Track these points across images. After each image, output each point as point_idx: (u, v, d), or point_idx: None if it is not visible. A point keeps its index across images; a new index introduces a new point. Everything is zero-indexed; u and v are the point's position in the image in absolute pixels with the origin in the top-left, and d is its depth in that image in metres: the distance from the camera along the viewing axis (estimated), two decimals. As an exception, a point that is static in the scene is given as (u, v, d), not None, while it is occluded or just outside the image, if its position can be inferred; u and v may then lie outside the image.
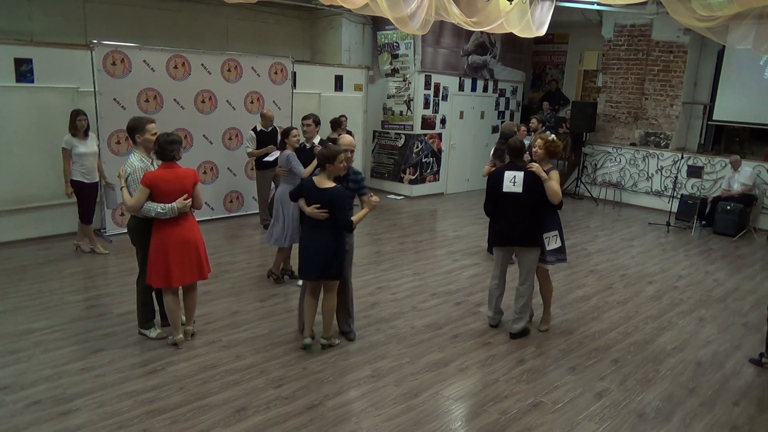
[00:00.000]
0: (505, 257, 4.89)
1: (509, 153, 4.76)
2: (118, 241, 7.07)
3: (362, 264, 6.50)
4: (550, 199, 4.55)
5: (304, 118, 6.13)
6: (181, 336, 4.39)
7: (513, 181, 4.58)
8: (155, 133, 4.24)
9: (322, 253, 4.19)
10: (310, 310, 4.44)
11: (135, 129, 4.27)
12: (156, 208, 4.07)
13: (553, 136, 4.82)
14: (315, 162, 4.97)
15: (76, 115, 6.09)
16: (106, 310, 5.02)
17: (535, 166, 4.59)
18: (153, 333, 4.53)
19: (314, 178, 4.23)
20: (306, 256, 4.26)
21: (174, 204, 4.09)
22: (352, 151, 4.44)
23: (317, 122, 6.19)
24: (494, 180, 4.73)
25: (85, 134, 6.18)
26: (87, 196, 6.26)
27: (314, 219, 4.15)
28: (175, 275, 4.18)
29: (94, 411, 3.52)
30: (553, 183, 4.54)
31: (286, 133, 5.92)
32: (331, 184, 4.17)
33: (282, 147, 6.06)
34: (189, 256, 4.23)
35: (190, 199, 4.18)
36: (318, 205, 4.12)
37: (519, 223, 4.63)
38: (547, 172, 4.59)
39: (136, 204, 4.07)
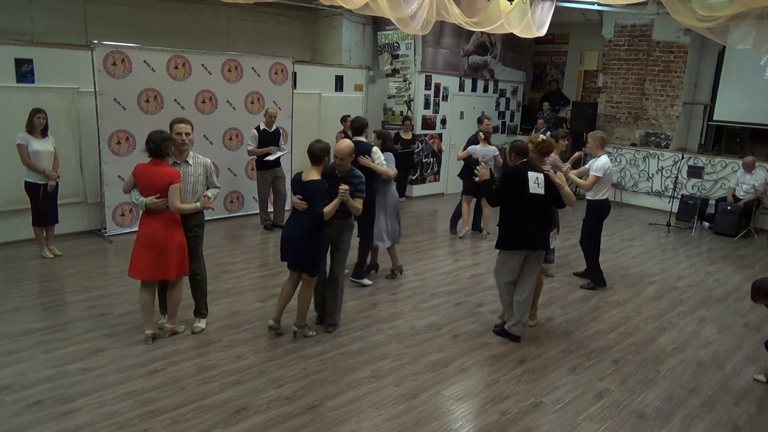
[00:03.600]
0: (518, 260, 4.62)
1: (518, 153, 4.62)
2: (119, 241, 7.08)
3: (362, 264, 6.50)
4: (567, 202, 4.64)
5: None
6: (149, 332, 4.42)
7: (537, 183, 4.51)
8: (179, 132, 4.36)
9: (297, 242, 4.38)
10: (282, 296, 4.61)
11: (169, 128, 4.46)
12: (132, 197, 4.30)
13: (541, 136, 4.83)
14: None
15: (35, 113, 5.99)
16: (107, 310, 5.02)
17: (551, 172, 4.62)
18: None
19: (303, 172, 4.42)
20: (284, 243, 4.49)
21: (144, 199, 4.21)
22: (339, 158, 4.46)
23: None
24: (516, 179, 4.55)
25: (43, 133, 6.10)
26: (39, 198, 6.13)
27: (297, 209, 4.40)
28: (134, 266, 4.30)
29: (94, 411, 3.52)
30: (567, 188, 4.64)
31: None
32: (314, 177, 4.35)
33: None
34: (154, 252, 4.26)
35: (162, 199, 4.22)
36: (300, 197, 4.35)
37: (538, 225, 4.57)
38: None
39: (124, 188, 4.43)
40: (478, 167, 4.81)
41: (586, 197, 6.10)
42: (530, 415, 3.74)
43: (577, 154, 6.92)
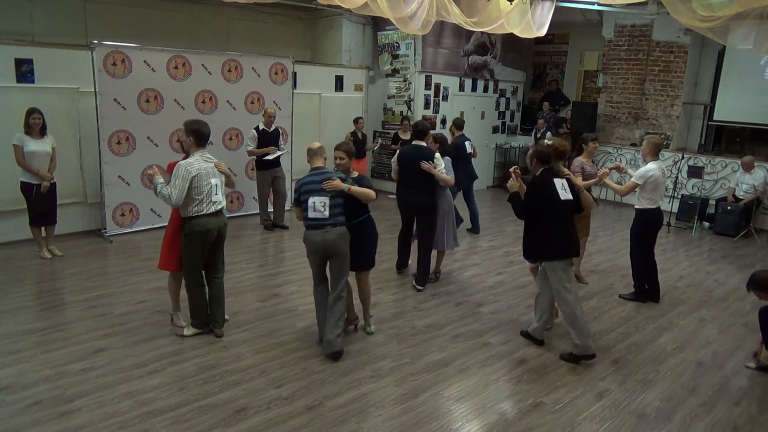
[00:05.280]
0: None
1: (541, 160, 4.49)
2: (119, 241, 7.08)
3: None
4: (585, 206, 4.65)
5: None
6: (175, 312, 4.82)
7: (564, 188, 4.44)
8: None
9: None
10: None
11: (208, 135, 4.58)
12: None
13: (547, 141, 4.76)
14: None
15: (30, 113, 6.00)
16: (107, 311, 5.02)
17: (572, 175, 4.62)
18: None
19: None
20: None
21: None
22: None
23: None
24: (544, 188, 4.40)
25: (41, 133, 6.10)
26: (35, 198, 6.13)
27: None
28: None
29: (94, 411, 3.52)
30: (586, 192, 4.67)
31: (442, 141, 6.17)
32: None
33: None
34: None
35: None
36: None
37: (573, 231, 4.52)
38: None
39: None
40: (510, 180, 4.64)
41: (635, 206, 5.85)
42: (530, 415, 3.74)
43: (615, 164, 6.72)
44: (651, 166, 5.58)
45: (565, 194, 4.44)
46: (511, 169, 4.79)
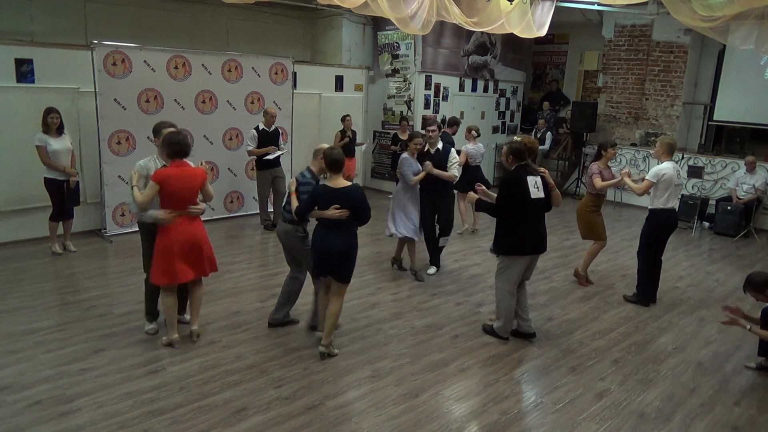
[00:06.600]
0: (523, 265, 4.63)
1: (517, 156, 4.55)
2: (119, 241, 7.08)
3: (362, 264, 6.50)
4: (555, 204, 4.67)
5: (429, 124, 6.22)
6: (176, 336, 4.37)
7: (536, 187, 4.49)
8: None
9: (344, 253, 4.20)
10: (324, 306, 4.42)
11: (155, 133, 4.39)
12: (150, 212, 4.13)
13: (516, 138, 4.84)
14: (423, 173, 5.79)
15: (48, 113, 6.06)
16: (107, 310, 5.02)
17: (547, 173, 4.64)
18: (148, 326, 4.57)
19: (328, 181, 4.20)
20: (326, 256, 4.21)
21: (167, 212, 4.13)
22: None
23: (440, 128, 6.46)
24: (517, 186, 4.47)
25: (59, 132, 6.16)
26: (60, 194, 6.21)
27: (331, 220, 4.11)
28: (179, 271, 4.20)
29: (94, 411, 3.52)
30: (557, 190, 4.66)
31: (410, 138, 6.00)
32: (348, 183, 4.20)
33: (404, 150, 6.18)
34: (193, 254, 4.26)
35: (200, 206, 4.30)
36: (338, 206, 4.08)
37: (543, 228, 4.62)
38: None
39: (146, 200, 4.07)
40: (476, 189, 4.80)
41: (648, 206, 5.82)
42: (530, 415, 3.74)
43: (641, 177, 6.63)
44: (665, 165, 5.55)
45: (536, 192, 4.50)
46: (477, 186, 4.88)
